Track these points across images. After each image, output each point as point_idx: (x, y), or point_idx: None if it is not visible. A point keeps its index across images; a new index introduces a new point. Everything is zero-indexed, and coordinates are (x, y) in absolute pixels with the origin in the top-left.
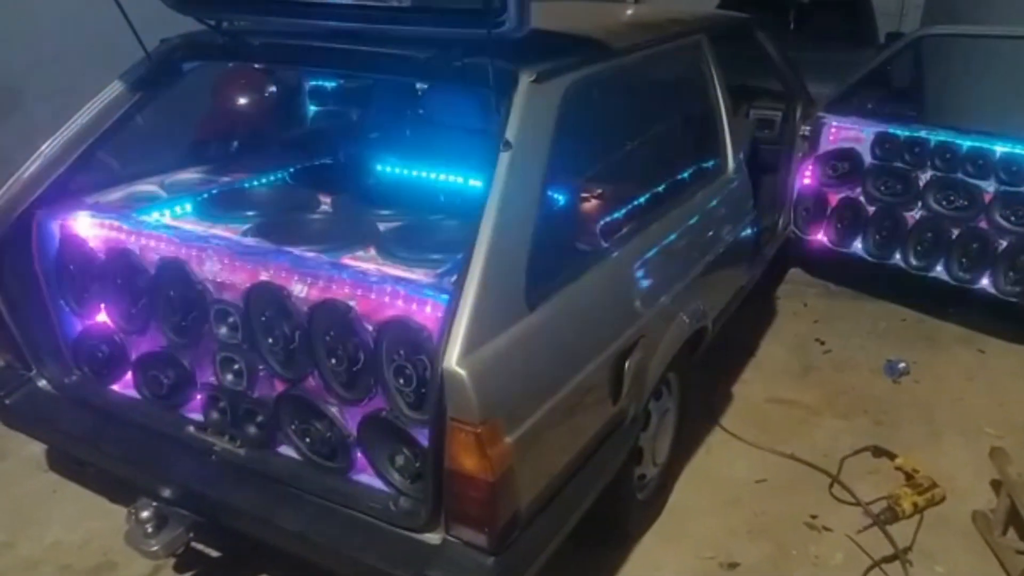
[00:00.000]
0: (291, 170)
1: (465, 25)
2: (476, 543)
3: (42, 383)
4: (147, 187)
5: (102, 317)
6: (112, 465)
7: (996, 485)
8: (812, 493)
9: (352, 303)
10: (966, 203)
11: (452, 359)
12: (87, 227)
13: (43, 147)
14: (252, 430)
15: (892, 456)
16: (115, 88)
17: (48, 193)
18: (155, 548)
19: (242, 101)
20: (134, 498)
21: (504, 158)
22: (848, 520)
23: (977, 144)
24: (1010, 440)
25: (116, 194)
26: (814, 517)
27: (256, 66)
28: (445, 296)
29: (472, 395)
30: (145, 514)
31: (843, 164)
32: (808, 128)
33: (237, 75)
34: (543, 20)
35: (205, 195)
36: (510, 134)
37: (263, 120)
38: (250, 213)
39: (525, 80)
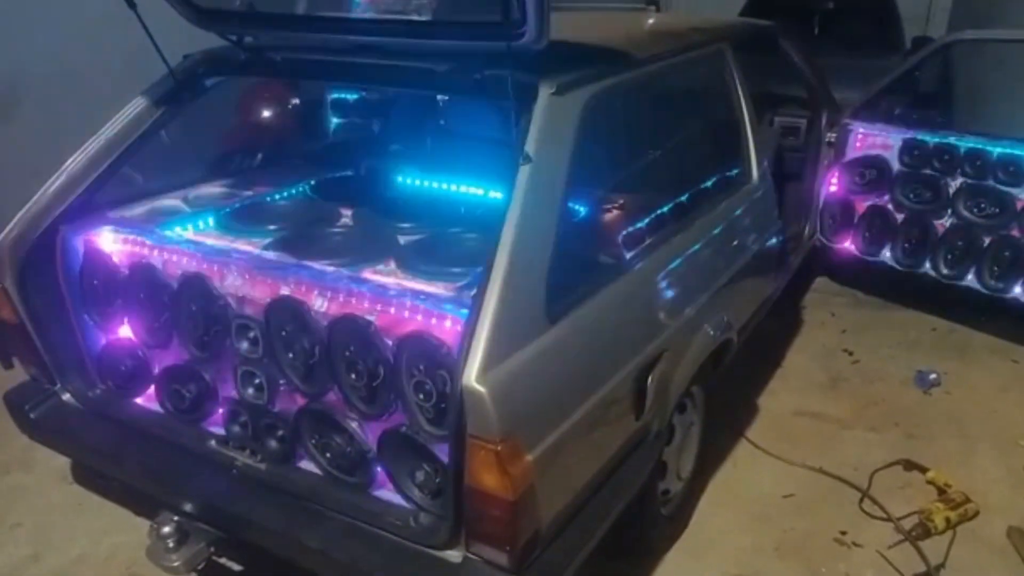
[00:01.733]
0: (312, 183)
1: (485, 37)
2: (497, 561)
3: (66, 396)
4: (170, 202)
5: (125, 331)
6: (134, 479)
7: None
8: (842, 508)
9: (372, 318)
10: (997, 210)
11: (471, 375)
12: (111, 242)
13: (67, 163)
14: (273, 444)
15: (924, 470)
16: (138, 104)
17: (72, 208)
18: (176, 563)
19: (265, 114)
20: (158, 512)
21: (524, 171)
22: (879, 536)
23: (1008, 150)
24: None
25: (139, 209)
26: (844, 533)
27: (281, 81)
28: (465, 311)
29: (492, 412)
30: (166, 529)
31: (870, 171)
32: (834, 135)
33: (260, 89)
34: (563, 31)
35: (227, 209)
36: (530, 147)
37: (286, 133)
38: (271, 227)
39: (545, 92)
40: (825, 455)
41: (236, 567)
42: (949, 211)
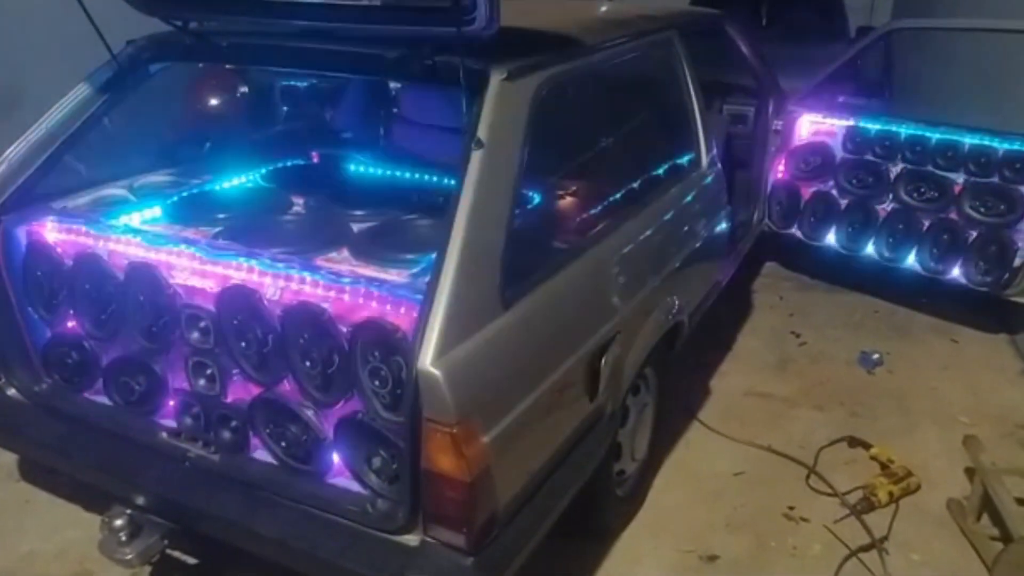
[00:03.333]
0: (263, 171)
1: (435, 23)
2: (454, 544)
3: (11, 392)
4: (115, 191)
5: (72, 324)
6: (85, 474)
7: (970, 473)
8: (790, 485)
9: (326, 305)
10: (936, 195)
11: (427, 360)
12: (54, 233)
13: (7, 152)
14: (226, 435)
15: (867, 446)
16: (81, 91)
17: (13, 199)
18: (129, 556)
19: (214, 102)
20: (109, 506)
21: (476, 156)
22: (825, 511)
23: (946, 136)
24: (983, 428)
25: (84, 198)
26: (792, 508)
27: (226, 67)
28: (419, 296)
29: (447, 395)
30: (119, 522)
31: (815, 158)
32: (780, 123)
33: (209, 76)
34: (514, 18)
35: (175, 198)
36: (482, 133)
37: (235, 121)
38: (221, 216)
39: (496, 78)
40: (774, 434)
41: (191, 560)
42: (890, 196)
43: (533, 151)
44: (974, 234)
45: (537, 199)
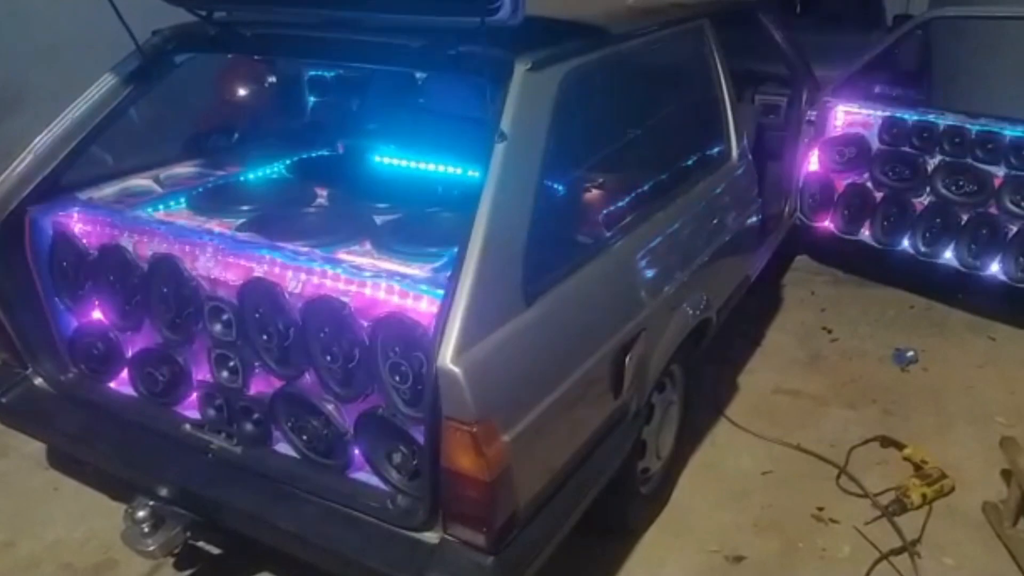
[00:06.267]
0: (287, 162)
1: (459, 13)
2: (474, 542)
3: (38, 381)
4: (141, 182)
5: (97, 314)
6: (108, 464)
7: (1006, 475)
8: (819, 485)
9: (346, 299)
10: (975, 188)
11: (446, 357)
12: (80, 223)
13: (34, 143)
14: (248, 428)
15: (900, 446)
16: (106, 82)
17: (40, 190)
18: (152, 548)
19: (241, 93)
20: (134, 496)
21: (499, 149)
22: (856, 512)
23: (986, 128)
24: (1021, 429)
25: (109, 189)
26: (821, 509)
27: (251, 57)
28: (441, 291)
29: (467, 394)
30: (141, 513)
31: (850, 149)
32: (814, 113)
33: (236, 66)
34: (540, 6)
35: (199, 189)
36: (505, 124)
37: (261, 112)
38: (245, 207)
39: (521, 69)
40: (803, 432)
41: (214, 551)
42: (927, 189)
43: (558, 143)
44: (1014, 229)
45: (561, 192)
